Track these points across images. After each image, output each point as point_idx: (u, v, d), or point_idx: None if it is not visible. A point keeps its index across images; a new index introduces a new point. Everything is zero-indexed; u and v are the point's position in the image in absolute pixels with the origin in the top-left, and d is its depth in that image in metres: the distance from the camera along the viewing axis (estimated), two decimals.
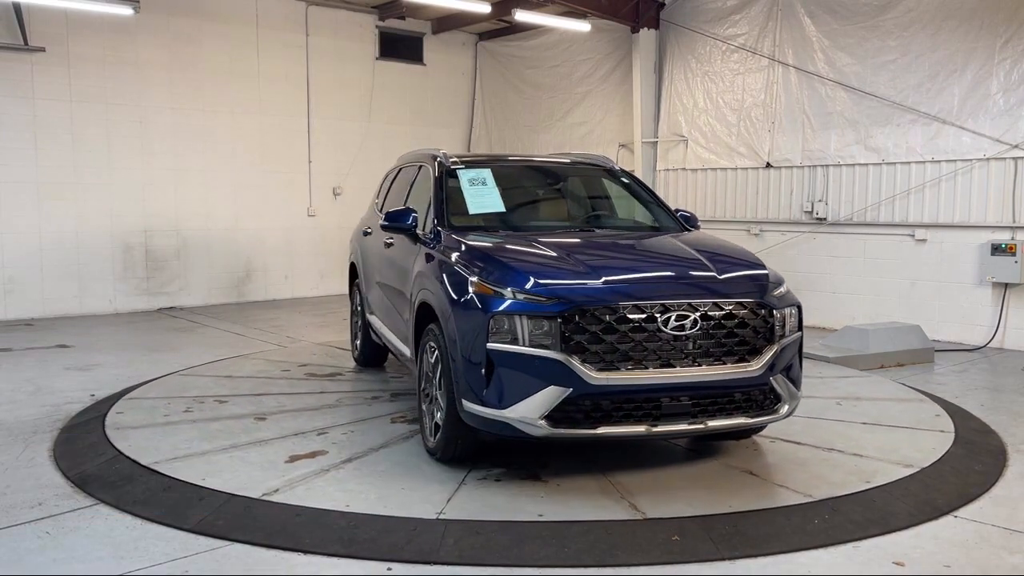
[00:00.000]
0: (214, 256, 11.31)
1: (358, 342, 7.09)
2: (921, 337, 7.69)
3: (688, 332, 4.03)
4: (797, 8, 9.60)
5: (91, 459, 4.64)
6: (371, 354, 6.89)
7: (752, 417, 4.23)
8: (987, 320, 8.30)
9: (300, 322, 9.65)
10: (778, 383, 4.25)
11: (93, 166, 10.29)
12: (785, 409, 4.32)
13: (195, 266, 11.17)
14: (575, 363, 3.88)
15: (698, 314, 4.05)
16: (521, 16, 10.61)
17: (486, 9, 10.59)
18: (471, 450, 4.46)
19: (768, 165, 10.02)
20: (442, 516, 3.83)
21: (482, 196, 5.55)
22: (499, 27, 13.14)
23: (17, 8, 9.45)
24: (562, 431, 3.95)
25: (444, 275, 4.45)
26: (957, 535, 3.72)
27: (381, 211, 6.56)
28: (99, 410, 5.63)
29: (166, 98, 10.76)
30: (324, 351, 7.82)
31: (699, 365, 4.07)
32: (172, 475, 4.30)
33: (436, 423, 4.49)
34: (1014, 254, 7.92)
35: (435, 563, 3.41)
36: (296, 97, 11.91)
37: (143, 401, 5.88)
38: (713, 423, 4.12)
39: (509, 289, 4.06)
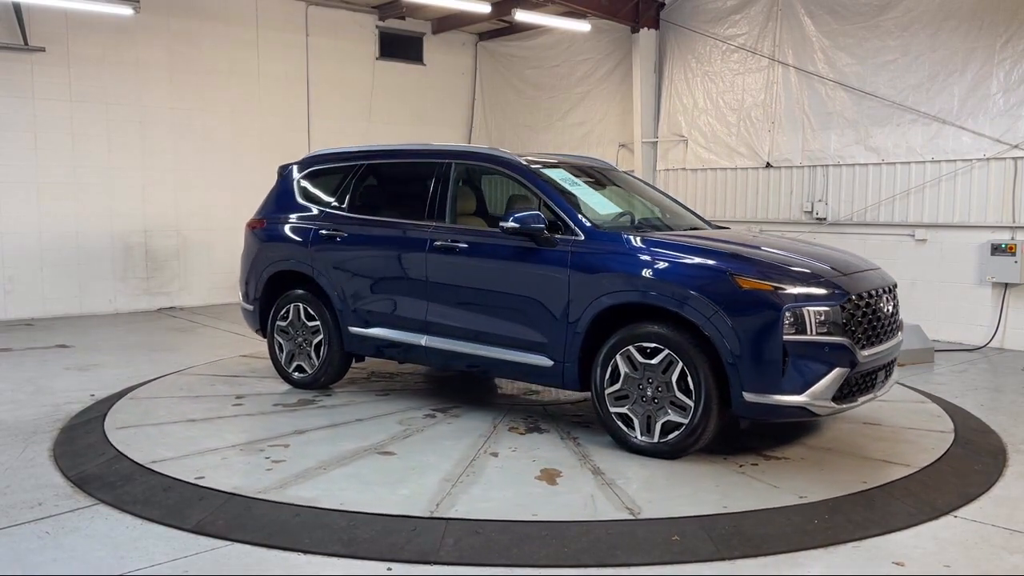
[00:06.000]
0: (214, 256, 11.31)
1: (305, 362, 6.19)
2: (921, 337, 7.68)
3: (892, 312, 4.82)
4: (797, 8, 9.60)
5: (91, 459, 4.64)
6: (335, 373, 6.18)
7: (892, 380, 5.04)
8: (987, 320, 8.30)
9: None
10: None
11: (93, 166, 10.29)
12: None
13: (195, 266, 11.17)
14: (854, 345, 4.38)
15: (890, 296, 4.83)
16: (521, 16, 10.60)
17: (486, 9, 10.59)
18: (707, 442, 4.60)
19: (768, 165, 10.02)
20: (801, 500, 4.04)
21: (590, 197, 5.45)
22: (499, 27, 13.14)
23: (17, 8, 9.45)
24: (839, 406, 4.45)
25: (699, 278, 4.49)
26: (957, 535, 3.72)
27: (347, 209, 6.06)
28: (99, 410, 5.62)
29: (166, 98, 10.75)
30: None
31: (889, 340, 4.77)
32: (479, 518, 3.82)
33: (669, 421, 4.54)
34: (1014, 254, 7.92)
35: (435, 563, 3.41)
36: (296, 97, 11.90)
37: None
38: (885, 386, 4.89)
39: (793, 284, 4.38)
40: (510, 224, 4.98)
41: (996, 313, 8.25)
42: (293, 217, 6.40)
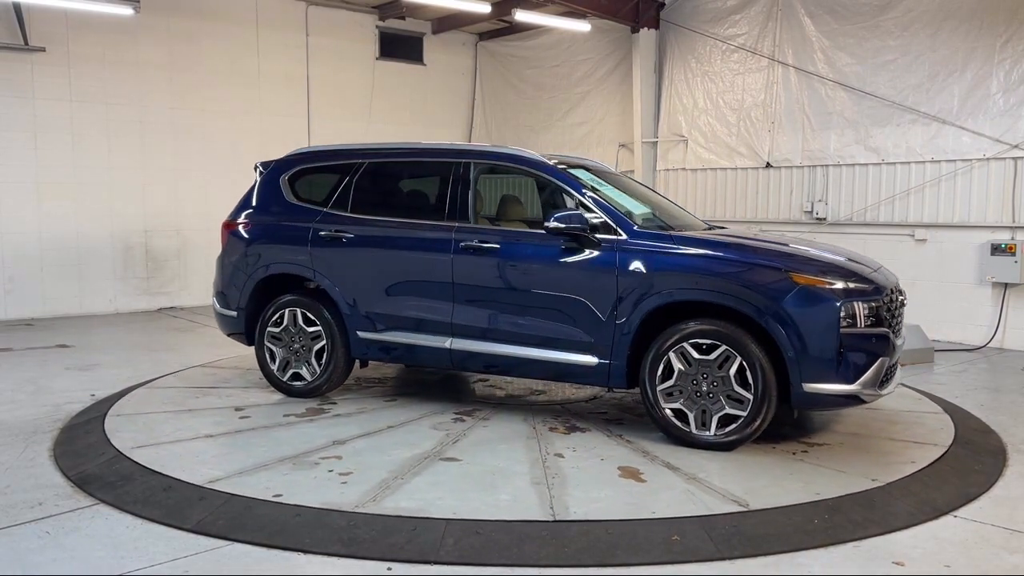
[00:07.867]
0: (214, 256, 11.20)
1: (304, 369, 5.88)
2: (921, 337, 7.68)
3: (906, 305, 5.10)
4: (797, 8, 9.60)
5: (91, 459, 4.63)
6: (338, 380, 5.92)
7: None
8: (987, 320, 8.30)
9: None
10: None
11: (93, 166, 10.29)
12: None
13: (195, 266, 11.17)
14: (893, 336, 4.65)
15: (901, 290, 5.11)
16: (521, 16, 10.61)
17: (486, 9, 10.60)
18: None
19: (768, 165, 10.02)
20: (875, 484, 4.24)
21: (620, 197, 5.46)
22: (499, 27, 13.14)
23: (17, 8, 9.45)
24: (882, 392, 4.66)
25: (757, 275, 4.61)
26: (957, 535, 3.73)
27: (351, 210, 5.74)
28: (99, 410, 5.61)
29: (166, 98, 10.76)
30: None
31: (904, 332, 5.05)
32: (600, 518, 3.78)
33: (726, 414, 4.65)
34: (1014, 254, 7.92)
35: (435, 563, 3.41)
36: (296, 97, 11.91)
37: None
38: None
39: (842, 280, 4.60)
40: (553, 224, 4.94)
41: (996, 313, 8.25)
42: (284, 217, 6.02)
